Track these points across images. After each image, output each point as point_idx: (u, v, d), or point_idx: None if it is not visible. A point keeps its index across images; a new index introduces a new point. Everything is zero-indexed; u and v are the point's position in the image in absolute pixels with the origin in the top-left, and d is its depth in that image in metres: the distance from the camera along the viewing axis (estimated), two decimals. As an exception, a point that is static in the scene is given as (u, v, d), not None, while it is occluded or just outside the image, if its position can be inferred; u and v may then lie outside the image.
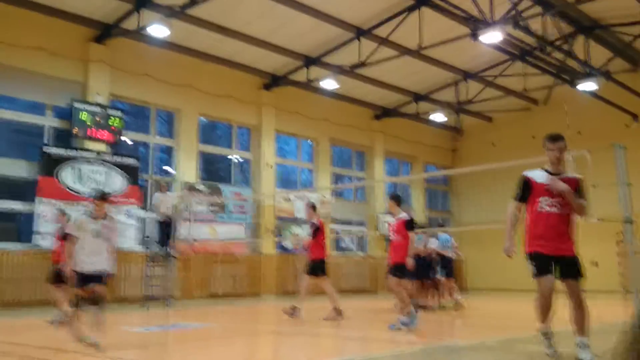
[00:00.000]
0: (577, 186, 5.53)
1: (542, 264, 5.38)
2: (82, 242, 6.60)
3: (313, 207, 10.81)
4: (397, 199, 9.08)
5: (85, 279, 6.49)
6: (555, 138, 5.56)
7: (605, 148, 8.70)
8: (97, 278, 6.52)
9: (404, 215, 8.90)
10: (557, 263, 5.39)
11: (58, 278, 8.78)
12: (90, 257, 6.53)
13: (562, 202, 5.44)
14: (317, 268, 10.20)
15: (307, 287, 10.19)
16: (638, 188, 11.68)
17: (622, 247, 17.87)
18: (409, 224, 8.78)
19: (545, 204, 5.46)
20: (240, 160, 19.87)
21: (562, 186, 5.37)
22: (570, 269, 5.39)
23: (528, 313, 11.13)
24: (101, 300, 6.54)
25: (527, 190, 5.58)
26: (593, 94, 20.54)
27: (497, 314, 12.87)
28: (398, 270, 8.63)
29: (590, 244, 21.68)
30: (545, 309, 5.37)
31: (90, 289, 6.45)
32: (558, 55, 18.59)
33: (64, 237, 7.65)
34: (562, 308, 5.53)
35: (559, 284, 5.39)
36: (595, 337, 8.05)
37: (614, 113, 21.70)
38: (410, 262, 8.53)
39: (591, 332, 8.64)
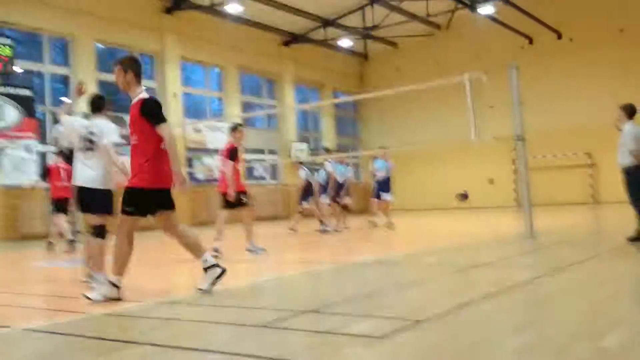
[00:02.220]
0: (140, 108, 5.22)
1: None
2: None
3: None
4: None
5: None
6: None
7: (501, 70, 9.18)
8: None
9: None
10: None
11: None
12: None
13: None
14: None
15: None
16: (531, 108, 12.47)
17: (517, 164, 19.13)
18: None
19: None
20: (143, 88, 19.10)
21: None
22: None
23: (436, 229, 11.87)
24: None
25: None
26: (491, 18, 21.23)
27: (411, 230, 13.58)
28: None
29: (487, 162, 23.27)
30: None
31: None
32: (460, -21, 18.95)
33: None
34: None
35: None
36: (487, 248, 8.76)
37: (511, 37, 22.63)
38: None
39: (487, 244, 9.37)
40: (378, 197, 13.51)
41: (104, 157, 5.84)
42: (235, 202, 8.58)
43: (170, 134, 5.13)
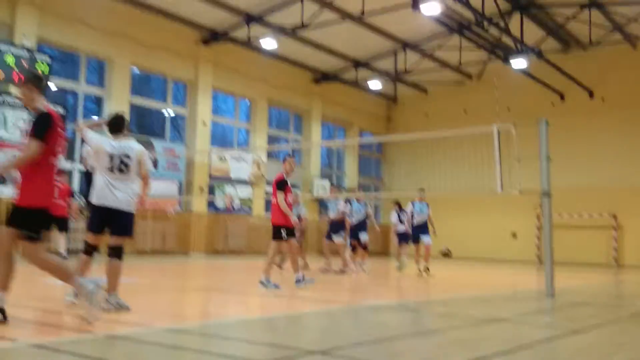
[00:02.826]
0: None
1: None
2: None
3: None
4: None
5: None
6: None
7: (530, 124, 9.11)
8: None
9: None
10: None
11: None
12: None
13: None
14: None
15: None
16: (558, 164, 12.33)
17: (541, 220, 18.85)
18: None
19: None
20: (172, 115, 19.41)
21: None
22: None
23: (454, 278, 11.68)
24: None
25: None
26: (524, 72, 21.27)
27: (428, 278, 13.37)
28: None
29: (511, 215, 22.95)
30: None
31: None
32: (494, 31, 19.09)
33: None
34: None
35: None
36: (505, 302, 8.55)
37: (543, 92, 22.60)
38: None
39: (502, 298, 9.16)
40: (416, 240, 12.85)
41: (136, 181, 5.86)
42: (277, 234, 8.60)
43: (32, 152, 4.68)
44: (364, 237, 12.81)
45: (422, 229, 12.67)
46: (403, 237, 14.06)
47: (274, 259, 8.88)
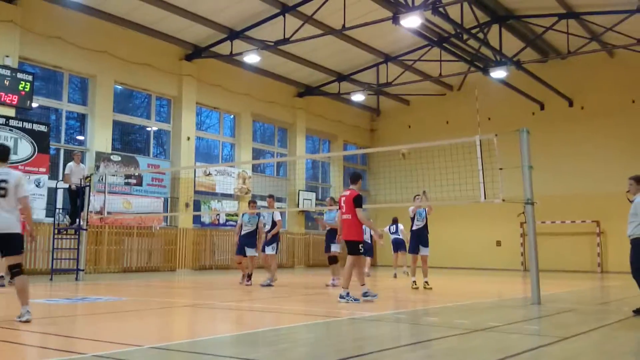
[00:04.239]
0: None
1: None
2: None
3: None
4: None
5: None
6: None
7: (511, 133, 9.24)
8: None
9: None
10: None
11: None
12: None
13: None
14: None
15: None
16: (540, 173, 12.49)
17: (525, 228, 19.04)
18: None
19: None
20: (155, 130, 19.34)
21: None
22: None
23: (440, 289, 11.74)
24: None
25: None
26: (504, 82, 21.57)
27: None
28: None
29: (495, 224, 23.13)
30: None
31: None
32: (473, 43, 19.37)
33: None
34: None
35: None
36: (492, 311, 8.63)
37: (523, 101, 22.91)
38: None
39: (489, 307, 9.24)
40: (414, 251, 11.89)
41: (14, 204, 6.25)
42: (354, 250, 8.86)
43: None
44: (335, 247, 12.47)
45: (421, 238, 11.89)
46: (397, 246, 16.01)
47: (360, 273, 9.10)
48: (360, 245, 8.93)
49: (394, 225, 16.61)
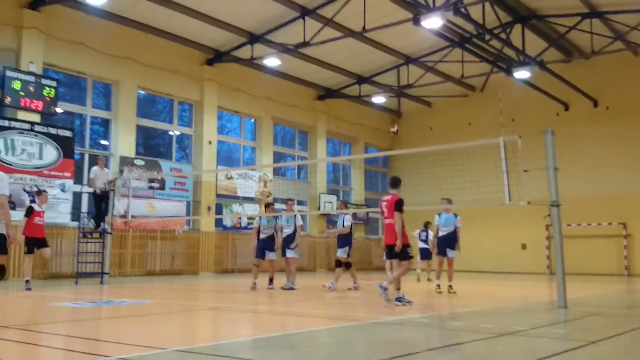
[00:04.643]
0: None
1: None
2: None
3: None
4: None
5: None
6: None
7: (535, 134, 9.10)
8: None
9: None
10: None
11: None
12: None
13: None
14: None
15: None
16: (566, 174, 12.31)
17: (551, 231, 18.79)
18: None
19: None
20: (178, 134, 19.49)
21: None
22: None
23: (466, 292, 11.62)
24: None
25: None
26: (527, 82, 21.32)
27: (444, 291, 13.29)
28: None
29: (520, 227, 22.83)
30: None
31: None
32: (495, 43, 19.16)
33: None
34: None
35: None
36: (518, 315, 8.50)
37: (547, 102, 22.61)
38: None
39: (515, 310, 9.12)
40: (441, 253, 11.86)
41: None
42: (401, 253, 8.92)
43: None
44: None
45: (448, 242, 11.83)
46: (424, 254, 15.28)
47: (398, 277, 9.13)
48: (408, 249, 8.99)
49: (424, 232, 15.71)
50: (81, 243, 14.01)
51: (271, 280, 12.25)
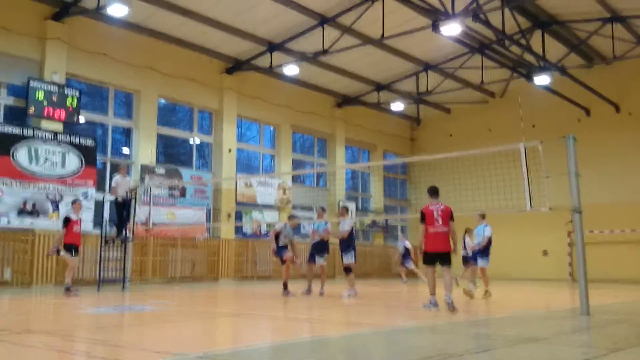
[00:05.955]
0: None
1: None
2: None
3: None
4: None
5: None
6: None
7: (556, 140, 9.02)
8: None
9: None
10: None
11: None
12: None
13: None
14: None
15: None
16: (587, 180, 12.18)
17: (573, 237, 18.47)
18: None
19: None
20: (198, 143, 19.67)
21: None
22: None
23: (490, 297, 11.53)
24: None
25: None
26: (548, 88, 21.14)
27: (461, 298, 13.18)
28: None
29: (542, 233, 22.58)
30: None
31: None
32: (515, 49, 19.05)
33: None
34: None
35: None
36: (540, 321, 8.41)
37: (568, 107, 22.39)
38: None
39: (537, 318, 9.03)
40: (475, 261, 13.05)
41: None
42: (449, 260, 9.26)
43: None
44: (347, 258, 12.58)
45: (478, 250, 13.16)
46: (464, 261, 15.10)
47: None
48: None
49: (463, 239, 15.43)
50: (103, 250, 14.18)
51: (309, 288, 12.53)
